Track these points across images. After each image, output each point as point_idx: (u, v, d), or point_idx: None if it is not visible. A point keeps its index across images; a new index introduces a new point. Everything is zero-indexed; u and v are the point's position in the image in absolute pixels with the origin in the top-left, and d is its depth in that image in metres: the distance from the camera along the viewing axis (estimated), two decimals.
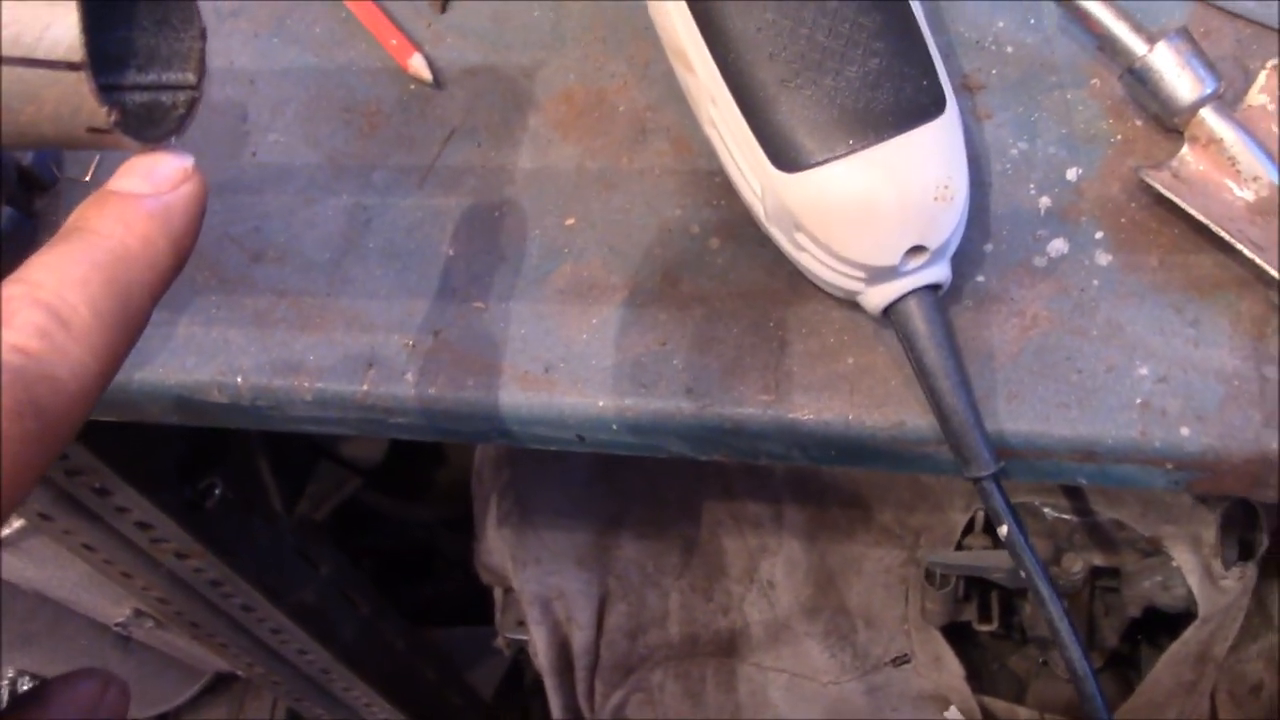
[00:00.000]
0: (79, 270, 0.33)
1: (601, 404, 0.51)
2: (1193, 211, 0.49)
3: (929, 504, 0.82)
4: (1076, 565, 0.74)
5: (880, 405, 0.49)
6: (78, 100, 0.32)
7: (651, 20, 0.51)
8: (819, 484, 0.87)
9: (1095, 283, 0.50)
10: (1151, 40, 0.50)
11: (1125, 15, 0.50)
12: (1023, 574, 0.48)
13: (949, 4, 0.56)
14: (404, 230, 0.56)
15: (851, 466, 0.52)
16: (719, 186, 0.54)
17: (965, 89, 0.54)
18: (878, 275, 0.46)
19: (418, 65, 0.59)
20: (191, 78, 0.36)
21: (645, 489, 0.95)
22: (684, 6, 0.47)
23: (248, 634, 1.06)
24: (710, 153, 0.52)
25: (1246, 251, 0.48)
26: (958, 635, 0.87)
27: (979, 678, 0.91)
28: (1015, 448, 0.48)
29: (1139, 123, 0.53)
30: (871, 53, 0.45)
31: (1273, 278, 0.48)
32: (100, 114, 0.32)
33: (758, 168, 0.47)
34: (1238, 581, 0.69)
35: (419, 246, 0.55)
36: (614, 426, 0.51)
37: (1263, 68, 0.52)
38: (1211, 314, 0.49)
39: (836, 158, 0.45)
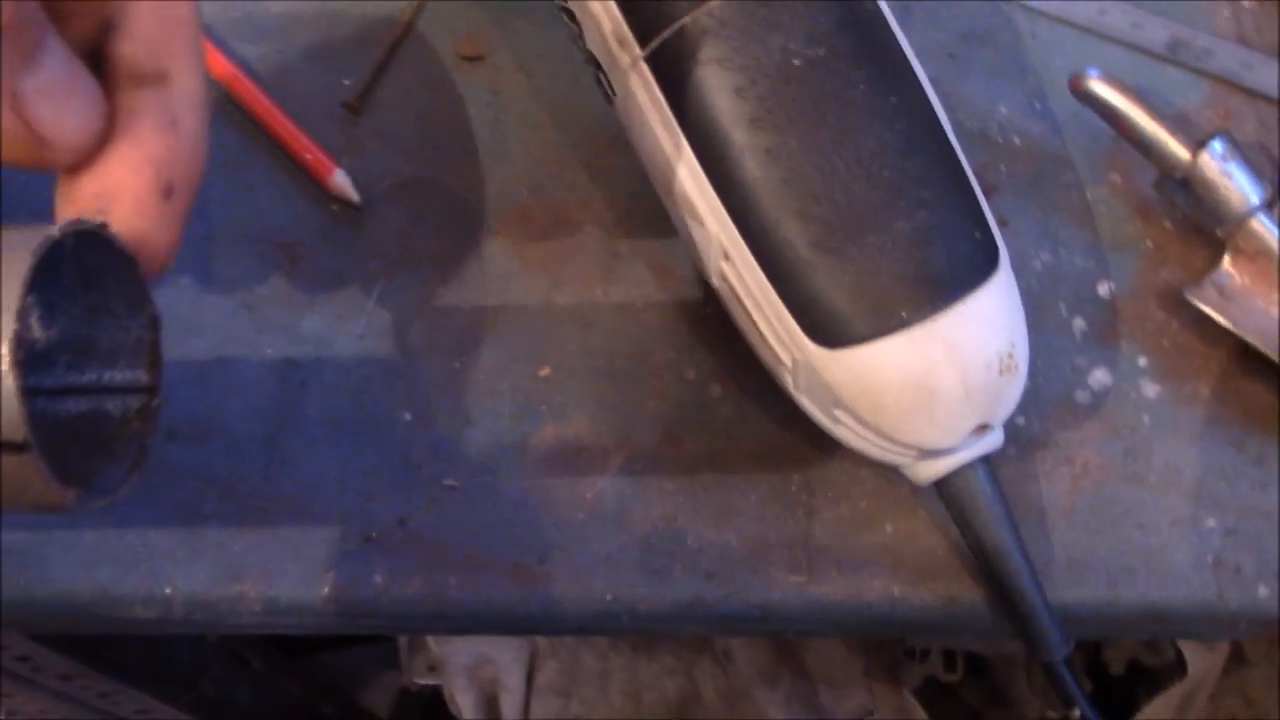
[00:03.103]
0: None
1: (610, 597, 0.44)
2: (1244, 335, 0.45)
3: None
4: None
5: (928, 579, 0.44)
6: (24, 482, 0.23)
7: (626, 132, 0.44)
8: None
9: (1145, 419, 0.45)
10: (1191, 145, 0.45)
11: (1160, 116, 0.45)
12: None
13: (944, 89, 0.50)
14: (348, 393, 0.47)
15: (903, 638, 0.46)
16: (712, 321, 0.47)
17: None
18: (931, 453, 0.41)
19: (341, 183, 0.50)
20: (144, 376, 0.28)
21: None
22: (687, 151, 0.40)
23: None
24: (697, 278, 0.45)
25: None
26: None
27: (930, 711, 0.88)
28: (1080, 618, 0.43)
29: (1169, 225, 0.48)
30: (919, 203, 0.39)
31: None
32: (53, 495, 0.23)
33: (788, 338, 0.40)
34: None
35: (369, 413, 0.47)
36: (624, 619, 0.45)
37: None
38: (1275, 449, 0.45)
39: (888, 333, 0.38)
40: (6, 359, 0.22)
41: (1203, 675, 0.69)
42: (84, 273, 0.27)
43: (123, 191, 0.30)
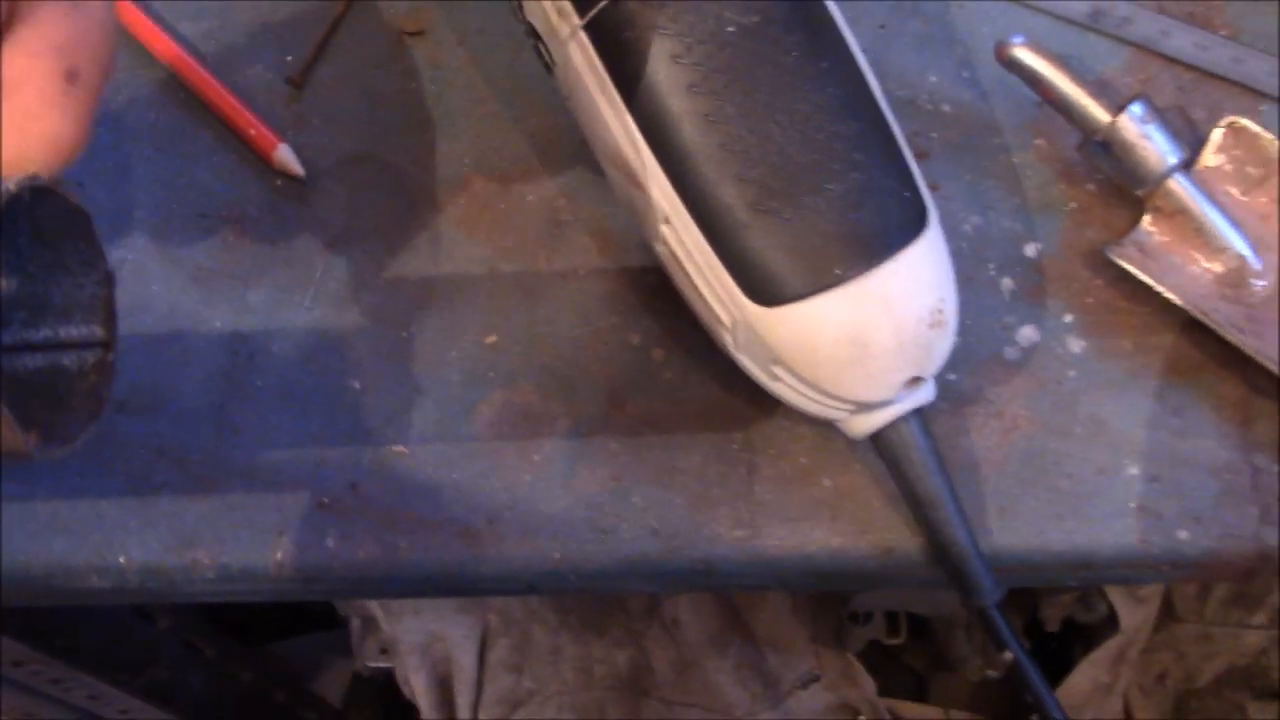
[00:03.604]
0: None
1: (558, 556, 0.45)
2: (1164, 291, 0.47)
3: None
4: None
5: (865, 531, 0.45)
6: None
7: (567, 101, 0.45)
8: None
9: (1071, 374, 0.47)
10: (1112, 108, 0.47)
11: (1082, 81, 0.47)
12: (1028, 699, 0.45)
13: (875, 58, 0.51)
14: (297, 363, 0.48)
15: (839, 590, 0.48)
16: (655, 287, 0.48)
17: None
18: (866, 406, 0.42)
19: (285, 157, 0.51)
20: (99, 331, 0.29)
21: None
22: (627, 118, 0.41)
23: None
24: (638, 244, 0.46)
25: (1220, 332, 0.46)
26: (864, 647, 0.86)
27: (875, 675, 0.90)
28: (1010, 565, 0.45)
29: (1092, 187, 0.50)
30: (852, 165, 0.40)
31: (1249, 357, 0.46)
32: (18, 442, 0.24)
33: (727, 298, 0.41)
34: (1157, 590, 0.70)
35: (318, 382, 0.48)
36: (573, 577, 0.46)
37: (1213, 124, 0.49)
38: (1193, 399, 0.46)
39: (823, 290, 0.40)
40: None
41: (1135, 630, 0.71)
42: (38, 229, 0.28)
43: (24, 79, 0.29)
